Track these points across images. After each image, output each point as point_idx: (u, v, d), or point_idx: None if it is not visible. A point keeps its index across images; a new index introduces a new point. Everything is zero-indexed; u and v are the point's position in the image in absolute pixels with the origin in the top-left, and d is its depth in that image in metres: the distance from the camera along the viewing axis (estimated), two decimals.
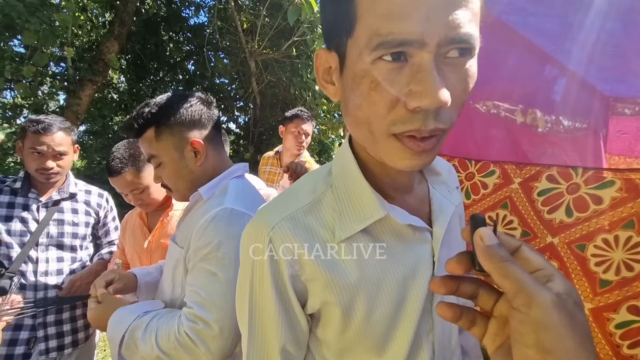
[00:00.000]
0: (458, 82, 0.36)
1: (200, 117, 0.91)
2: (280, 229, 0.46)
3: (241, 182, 0.95)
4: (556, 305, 0.26)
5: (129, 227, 1.42)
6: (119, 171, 1.22)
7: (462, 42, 0.35)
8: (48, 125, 1.37)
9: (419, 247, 0.49)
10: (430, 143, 0.38)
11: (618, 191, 0.73)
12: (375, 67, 0.36)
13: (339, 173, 0.50)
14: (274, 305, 0.46)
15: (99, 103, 5.53)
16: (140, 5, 5.21)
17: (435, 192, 0.53)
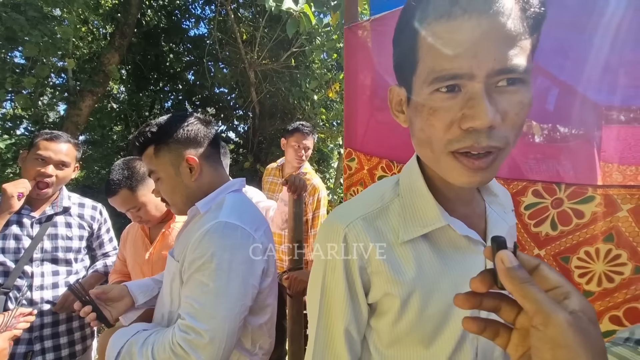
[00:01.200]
0: (509, 106, 0.41)
1: (197, 136, 0.96)
2: (355, 226, 0.53)
3: (237, 196, 0.99)
4: (571, 324, 0.29)
5: (130, 238, 1.43)
6: (115, 192, 1.26)
7: (509, 73, 0.40)
8: (58, 135, 1.43)
9: (473, 258, 0.54)
10: (485, 162, 0.43)
11: (598, 206, 0.76)
12: (433, 97, 0.43)
13: (407, 185, 0.57)
14: (343, 290, 0.53)
15: (99, 113, 5.57)
16: (141, 17, 5.30)
17: (492, 211, 0.59)
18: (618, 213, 0.74)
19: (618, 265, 0.74)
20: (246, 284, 0.84)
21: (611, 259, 0.74)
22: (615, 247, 0.74)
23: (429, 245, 0.54)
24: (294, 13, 3.09)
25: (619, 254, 0.74)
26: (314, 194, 2.11)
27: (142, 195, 1.28)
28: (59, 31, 4.15)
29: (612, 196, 0.75)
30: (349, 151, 1.26)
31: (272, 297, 0.97)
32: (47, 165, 1.39)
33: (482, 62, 0.39)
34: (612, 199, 0.75)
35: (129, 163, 1.31)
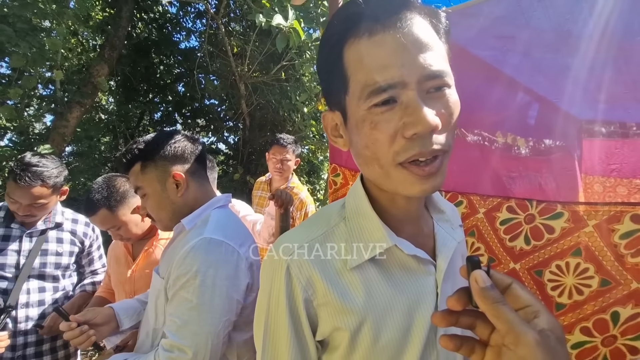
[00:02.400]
0: (444, 109, 0.43)
1: (184, 153, 0.98)
2: (297, 256, 0.51)
3: (223, 212, 1.00)
4: (539, 344, 0.31)
5: (114, 255, 1.42)
6: (94, 211, 1.25)
7: (436, 77, 0.42)
8: (28, 177, 1.33)
9: (424, 279, 0.52)
10: (434, 166, 0.43)
11: (566, 222, 0.81)
12: (371, 112, 0.43)
13: (352, 207, 0.55)
14: (286, 326, 0.50)
15: (86, 124, 5.51)
16: (131, 30, 5.32)
17: (440, 229, 0.58)
18: (585, 228, 0.78)
19: (586, 278, 0.78)
20: (230, 299, 0.85)
21: (580, 273, 0.78)
22: (583, 261, 0.78)
23: (378, 269, 0.52)
24: (283, 28, 3.16)
25: (586, 267, 0.78)
26: (302, 208, 2.12)
27: (122, 215, 1.27)
28: (47, 43, 4.13)
29: (579, 212, 0.80)
30: (334, 167, 1.29)
31: None
32: (20, 207, 1.36)
33: (411, 69, 0.41)
34: (579, 215, 0.79)
35: (109, 182, 1.29)
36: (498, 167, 1.14)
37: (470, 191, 0.99)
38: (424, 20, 0.44)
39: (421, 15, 0.44)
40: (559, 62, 1.27)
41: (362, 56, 0.43)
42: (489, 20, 1.04)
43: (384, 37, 0.42)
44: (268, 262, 0.54)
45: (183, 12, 5.41)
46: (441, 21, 0.46)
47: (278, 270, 0.51)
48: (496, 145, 1.29)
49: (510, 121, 1.33)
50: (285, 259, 0.51)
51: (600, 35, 1.13)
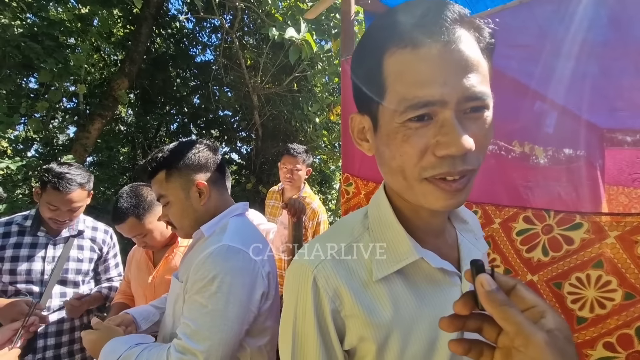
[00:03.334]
0: (478, 130, 0.42)
1: (207, 162, 1.01)
2: (324, 267, 0.50)
3: (240, 220, 1.02)
4: (548, 344, 0.31)
5: (134, 261, 1.46)
6: (122, 219, 1.29)
7: (476, 99, 0.41)
8: (67, 183, 1.41)
9: (449, 291, 0.52)
10: (461, 183, 0.43)
11: (586, 233, 0.78)
12: (405, 126, 0.43)
13: (376, 218, 0.54)
14: (315, 338, 0.50)
15: (106, 135, 5.72)
16: (150, 45, 5.53)
17: (463, 239, 0.57)
18: (606, 240, 0.76)
19: (609, 291, 0.75)
20: (244, 307, 0.86)
21: (602, 285, 0.76)
22: (605, 273, 0.75)
23: (404, 281, 0.51)
24: (296, 41, 3.23)
25: (609, 280, 0.75)
26: (314, 218, 2.13)
27: (148, 223, 1.31)
28: (72, 59, 4.34)
29: (600, 223, 0.77)
30: (346, 176, 1.30)
31: (272, 320, 0.98)
32: (60, 213, 1.44)
33: (453, 89, 0.40)
34: (599, 226, 0.77)
35: (136, 191, 1.34)
36: (515, 177, 1.12)
37: (484, 201, 0.97)
38: (471, 37, 0.42)
39: (469, 31, 0.42)
40: (576, 70, 1.24)
41: (404, 68, 0.42)
42: (504, 30, 1.03)
43: (429, 51, 0.40)
44: (293, 273, 0.53)
45: (199, 27, 5.59)
46: (487, 38, 0.44)
47: (304, 281, 0.51)
48: (513, 154, 1.28)
49: (528, 130, 1.31)
50: (312, 270, 0.50)
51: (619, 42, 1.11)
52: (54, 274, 1.46)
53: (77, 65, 4.49)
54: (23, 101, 4.03)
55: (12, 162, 4.81)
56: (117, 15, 5.32)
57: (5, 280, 1.40)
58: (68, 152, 4.69)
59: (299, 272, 0.52)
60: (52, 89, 4.50)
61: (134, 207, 1.30)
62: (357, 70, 0.50)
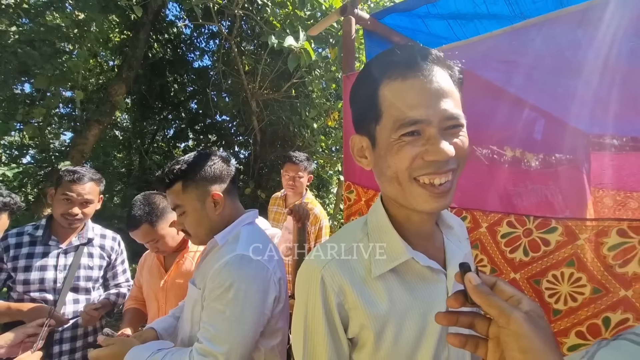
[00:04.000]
0: (457, 141, 0.54)
1: (221, 173, 1.07)
2: (330, 267, 0.60)
3: (252, 228, 1.09)
4: (526, 319, 0.39)
5: (146, 265, 1.52)
6: (137, 226, 1.34)
7: (453, 119, 0.53)
8: (81, 175, 1.52)
9: (436, 286, 0.61)
10: (446, 186, 0.53)
11: (560, 235, 0.90)
12: (399, 140, 0.53)
13: (374, 224, 0.64)
14: (324, 328, 0.59)
15: (103, 141, 5.73)
16: (147, 50, 5.58)
17: (449, 242, 0.67)
18: (577, 242, 0.87)
19: (579, 286, 0.86)
20: (259, 312, 0.93)
21: (574, 281, 0.87)
22: (577, 271, 0.87)
23: (398, 278, 0.60)
24: (295, 49, 3.32)
25: (579, 276, 0.86)
26: (316, 223, 2.21)
27: (161, 229, 1.37)
28: (69, 64, 4.36)
29: (572, 227, 0.89)
30: (348, 184, 1.40)
31: (283, 321, 1.06)
32: (73, 205, 1.51)
33: (435, 111, 0.51)
34: (571, 230, 0.89)
35: (149, 199, 1.39)
36: (504, 183, 1.23)
37: (473, 207, 1.08)
38: (444, 72, 0.55)
39: (443, 68, 0.55)
40: (561, 83, 1.36)
41: (396, 95, 0.53)
42: (492, 49, 1.14)
43: (414, 82, 0.53)
44: (305, 271, 0.63)
45: (197, 33, 5.67)
46: (456, 72, 0.57)
47: (314, 279, 0.60)
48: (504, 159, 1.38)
49: (518, 137, 1.42)
50: (320, 269, 0.60)
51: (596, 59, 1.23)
52: (66, 282, 1.51)
53: (74, 71, 4.49)
54: (20, 107, 4.03)
55: (9, 169, 4.80)
56: (115, 21, 5.37)
57: (20, 290, 1.45)
58: (65, 158, 4.70)
59: (309, 271, 0.61)
60: (48, 95, 4.51)
61: (147, 214, 1.35)
62: (356, 99, 0.61)
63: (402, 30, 1.56)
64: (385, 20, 1.51)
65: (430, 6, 1.33)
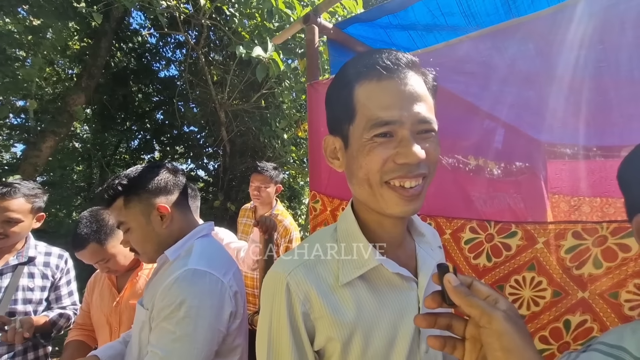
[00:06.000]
0: (428, 147, 0.53)
1: (166, 185, 1.00)
2: (296, 274, 0.57)
3: (206, 241, 1.02)
4: (505, 318, 0.40)
5: (97, 287, 1.40)
6: (83, 246, 1.23)
7: (425, 123, 0.53)
8: (8, 191, 1.38)
9: (407, 294, 0.60)
10: (416, 190, 0.53)
11: (520, 240, 0.91)
12: (372, 141, 0.52)
13: (343, 230, 0.63)
14: (288, 338, 0.55)
15: (59, 153, 5.38)
16: (110, 59, 5.35)
17: (421, 250, 0.66)
18: (536, 245, 0.88)
19: (540, 290, 0.87)
20: (213, 329, 0.87)
21: (535, 286, 0.87)
22: (537, 275, 0.87)
23: (367, 285, 0.58)
24: (263, 59, 3.30)
25: (540, 280, 0.87)
26: (286, 235, 2.15)
27: (111, 247, 1.27)
28: (21, 72, 4.09)
29: (531, 231, 0.90)
30: (313, 194, 1.37)
31: (241, 338, 1.00)
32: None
33: (408, 113, 0.51)
34: (530, 234, 0.90)
35: (97, 215, 1.29)
36: (467, 189, 1.25)
37: (437, 214, 1.08)
38: (419, 77, 0.55)
39: (417, 73, 0.55)
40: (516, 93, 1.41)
41: (370, 96, 0.53)
42: (452, 60, 1.17)
43: (389, 84, 0.52)
44: (269, 279, 0.60)
45: (163, 42, 5.52)
46: (430, 79, 0.57)
47: (279, 286, 0.57)
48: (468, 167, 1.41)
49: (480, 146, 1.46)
50: (285, 276, 0.57)
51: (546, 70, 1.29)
52: (1, 305, 1.36)
53: (27, 80, 4.22)
54: None
55: None
56: (74, 28, 5.11)
57: None
58: (15, 171, 4.36)
59: (274, 278, 0.59)
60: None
61: (94, 232, 1.24)
62: (332, 99, 0.60)
63: (366, 40, 1.58)
64: (349, 30, 1.52)
65: (392, 17, 1.35)
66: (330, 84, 0.61)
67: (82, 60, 5.08)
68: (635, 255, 0.75)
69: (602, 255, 0.80)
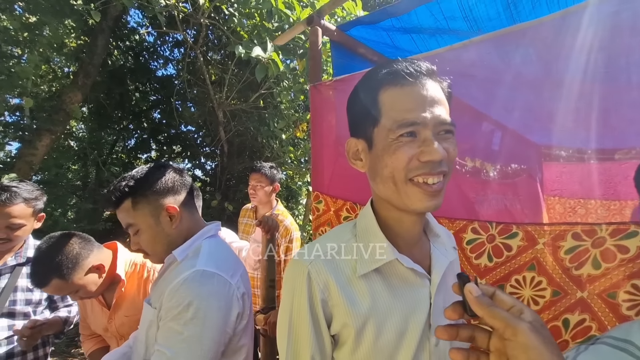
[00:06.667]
0: (449, 146, 0.58)
1: (174, 185, 1.01)
2: (317, 264, 0.62)
3: (214, 241, 1.03)
4: (531, 330, 0.38)
5: (87, 304, 1.37)
6: (44, 283, 1.12)
7: (445, 124, 0.58)
8: (9, 197, 1.35)
9: (419, 290, 0.63)
10: (438, 186, 0.57)
11: (521, 240, 0.93)
12: (397, 141, 0.57)
13: (363, 226, 0.67)
14: (308, 322, 0.60)
15: (55, 152, 5.33)
16: (107, 57, 5.31)
17: (435, 249, 0.69)
18: (536, 246, 0.91)
19: (540, 290, 0.89)
20: (220, 330, 0.87)
21: (535, 285, 0.90)
22: (537, 274, 0.90)
23: (382, 279, 0.63)
24: (262, 60, 3.30)
25: (540, 280, 0.89)
26: (287, 235, 2.16)
27: (77, 280, 1.15)
28: (17, 70, 4.05)
29: (531, 232, 0.92)
30: (316, 194, 1.38)
31: (246, 338, 1.00)
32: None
33: (430, 114, 0.56)
34: (531, 234, 0.92)
35: (57, 246, 1.14)
36: (467, 191, 1.27)
37: (439, 215, 1.10)
38: (437, 84, 0.61)
39: (435, 80, 0.61)
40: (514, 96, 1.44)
41: (395, 99, 0.58)
42: (452, 63, 1.18)
43: (412, 89, 0.58)
44: (292, 267, 0.65)
45: (161, 41, 5.49)
46: (446, 86, 0.63)
47: (300, 274, 0.62)
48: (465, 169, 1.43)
49: (478, 148, 1.49)
50: (307, 265, 0.62)
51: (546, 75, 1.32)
52: None
53: (22, 77, 4.18)
54: None
55: None
56: (71, 25, 5.07)
57: None
58: (10, 170, 4.32)
59: (296, 267, 0.64)
60: None
61: (54, 269, 1.11)
62: (355, 104, 0.65)
63: (368, 43, 1.59)
64: (351, 32, 1.54)
65: (394, 20, 1.37)
66: (353, 91, 0.66)
67: (78, 58, 5.03)
68: (633, 257, 0.78)
69: (600, 256, 0.82)
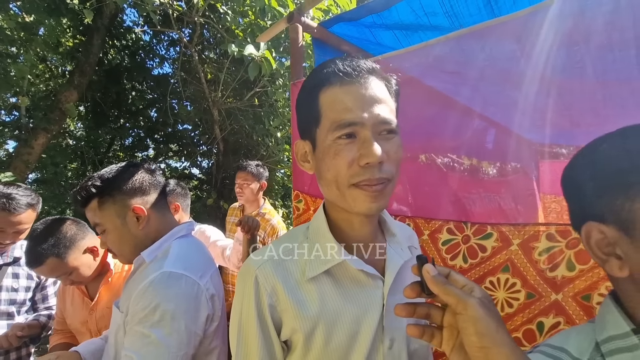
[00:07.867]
0: (390, 148, 0.56)
1: (142, 185, 0.99)
2: (264, 267, 0.61)
3: (184, 242, 1.01)
4: (480, 304, 0.42)
5: (67, 297, 1.35)
6: (40, 262, 1.14)
7: (386, 124, 0.56)
8: (17, 205, 1.36)
9: (372, 292, 0.62)
10: (380, 187, 0.55)
11: (496, 241, 0.91)
12: (336, 142, 0.56)
13: (314, 228, 0.66)
14: (255, 327, 0.59)
15: (52, 150, 5.33)
16: (102, 56, 5.30)
17: (390, 249, 0.68)
18: (511, 247, 0.88)
19: (514, 292, 0.87)
20: (189, 332, 0.85)
21: (509, 287, 0.87)
22: (511, 276, 0.87)
23: (332, 281, 0.61)
24: (255, 58, 3.28)
25: (514, 282, 0.87)
26: (273, 234, 2.15)
27: (73, 260, 1.18)
28: (13, 69, 4.05)
29: (505, 233, 0.90)
30: (296, 193, 1.36)
31: (218, 340, 0.99)
32: (5, 235, 1.37)
33: (369, 115, 0.55)
34: (505, 235, 0.89)
35: (54, 226, 1.18)
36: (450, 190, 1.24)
37: (415, 215, 1.08)
38: (380, 82, 0.59)
39: (379, 78, 0.59)
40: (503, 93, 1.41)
41: (334, 99, 0.57)
42: (436, 59, 1.16)
43: (351, 88, 0.56)
44: (242, 271, 0.64)
45: (156, 40, 5.48)
46: (392, 84, 0.61)
47: (249, 278, 0.61)
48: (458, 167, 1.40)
49: (469, 146, 1.46)
50: (255, 269, 0.61)
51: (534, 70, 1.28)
52: None
53: (18, 76, 4.19)
54: None
55: None
56: (67, 24, 5.06)
57: None
58: (7, 169, 4.33)
59: (245, 271, 0.63)
60: None
61: (52, 246, 1.14)
62: (300, 105, 0.64)
63: (351, 40, 1.56)
64: (334, 29, 1.51)
65: (376, 16, 1.34)
66: (300, 90, 0.64)
67: (74, 57, 5.03)
68: None
69: (575, 258, 0.80)
